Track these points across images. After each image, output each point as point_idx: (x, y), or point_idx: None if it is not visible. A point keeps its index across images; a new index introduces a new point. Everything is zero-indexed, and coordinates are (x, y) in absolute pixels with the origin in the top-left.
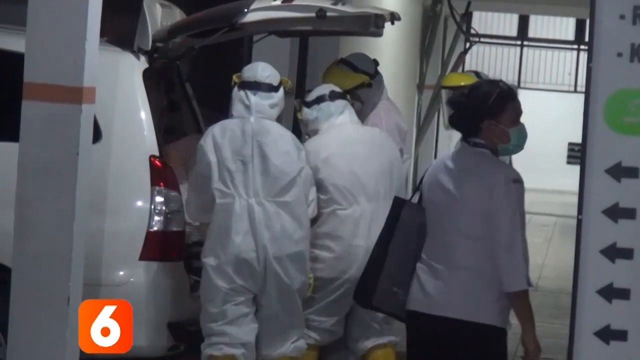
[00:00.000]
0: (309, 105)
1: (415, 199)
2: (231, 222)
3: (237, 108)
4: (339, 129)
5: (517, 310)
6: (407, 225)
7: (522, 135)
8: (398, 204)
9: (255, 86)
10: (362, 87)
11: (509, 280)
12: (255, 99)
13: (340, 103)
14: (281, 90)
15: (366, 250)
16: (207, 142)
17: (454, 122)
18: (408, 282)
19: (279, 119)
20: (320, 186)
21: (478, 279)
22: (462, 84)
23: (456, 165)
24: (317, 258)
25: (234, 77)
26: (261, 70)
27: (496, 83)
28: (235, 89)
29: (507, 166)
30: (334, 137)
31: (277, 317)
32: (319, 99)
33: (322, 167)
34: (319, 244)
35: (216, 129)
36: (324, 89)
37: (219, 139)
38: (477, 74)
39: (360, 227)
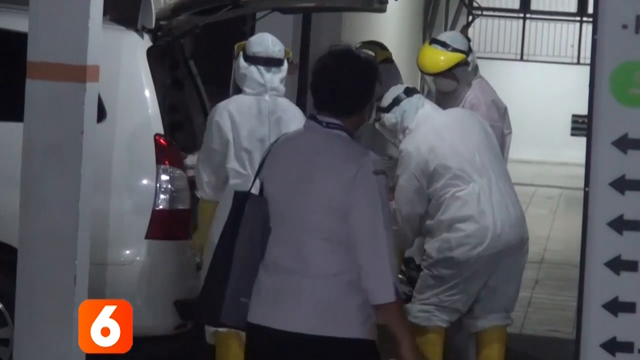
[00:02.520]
0: (387, 110)
1: (256, 189)
2: None
3: (250, 84)
4: (427, 120)
5: (388, 324)
6: (251, 221)
7: None
8: (241, 196)
9: (268, 62)
10: (458, 66)
11: (374, 291)
12: (269, 75)
13: (417, 96)
14: (286, 62)
15: (493, 223)
16: (223, 119)
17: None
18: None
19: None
20: (434, 176)
21: (336, 286)
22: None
23: (305, 151)
24: (449, 242)
25: (237, 47)
26: (272, 45)
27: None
28: (243, 62)
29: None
30: (426, 129)
31: None
32: (396, 101)
33: (429, 158)
34: (449, 229)
35: (232, 106)
36: (396, 90)
37: (236, 117)
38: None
39: (482, 201)
